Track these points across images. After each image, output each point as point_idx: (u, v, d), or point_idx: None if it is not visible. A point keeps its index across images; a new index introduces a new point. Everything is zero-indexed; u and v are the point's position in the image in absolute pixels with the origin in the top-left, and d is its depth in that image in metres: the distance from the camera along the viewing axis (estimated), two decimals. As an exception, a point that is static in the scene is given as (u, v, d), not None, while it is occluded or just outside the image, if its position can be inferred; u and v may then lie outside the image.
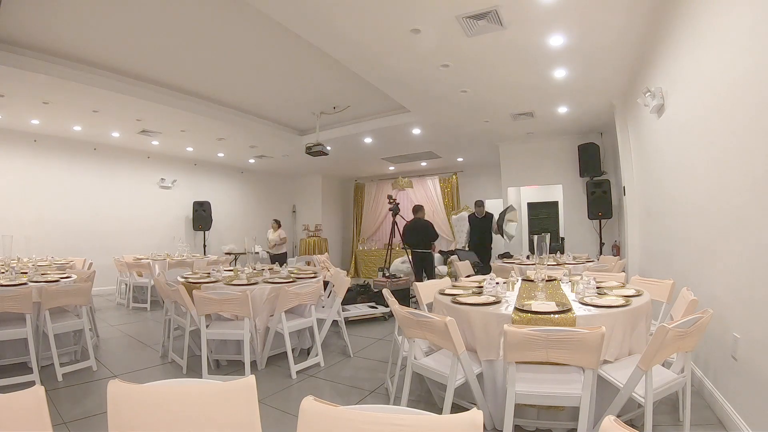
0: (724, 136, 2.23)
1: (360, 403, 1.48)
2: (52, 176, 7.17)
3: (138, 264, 6.26)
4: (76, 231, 7.38)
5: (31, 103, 5.43)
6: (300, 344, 3.75)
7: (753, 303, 1.95)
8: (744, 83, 1.97)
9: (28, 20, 3.85)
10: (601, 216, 6.65)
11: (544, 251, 2.78)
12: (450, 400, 1.95)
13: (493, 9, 3.26)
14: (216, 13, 3.88)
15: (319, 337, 3.49)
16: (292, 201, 12.19)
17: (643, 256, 4.94)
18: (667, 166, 3.46)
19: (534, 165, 7.76)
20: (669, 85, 3.21)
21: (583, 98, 5.48)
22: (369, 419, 0.90)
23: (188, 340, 3.32)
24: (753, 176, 1.91)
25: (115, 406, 1.03)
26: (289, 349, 3.18)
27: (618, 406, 1.79)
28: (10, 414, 0.94)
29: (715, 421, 2.26)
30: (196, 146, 8.26)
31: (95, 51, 4.55)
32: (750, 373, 1.98)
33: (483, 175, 10.25)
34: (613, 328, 2.05)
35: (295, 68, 5.13)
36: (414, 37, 3.75)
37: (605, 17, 3.40)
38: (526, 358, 1.79)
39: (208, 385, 1.08)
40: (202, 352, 2.98)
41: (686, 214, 3.00)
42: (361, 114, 6.95)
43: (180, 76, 5.34)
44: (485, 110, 6.00)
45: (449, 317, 1.92)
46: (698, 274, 2.75)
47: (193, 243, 9.20)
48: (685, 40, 2.75)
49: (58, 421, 2.35)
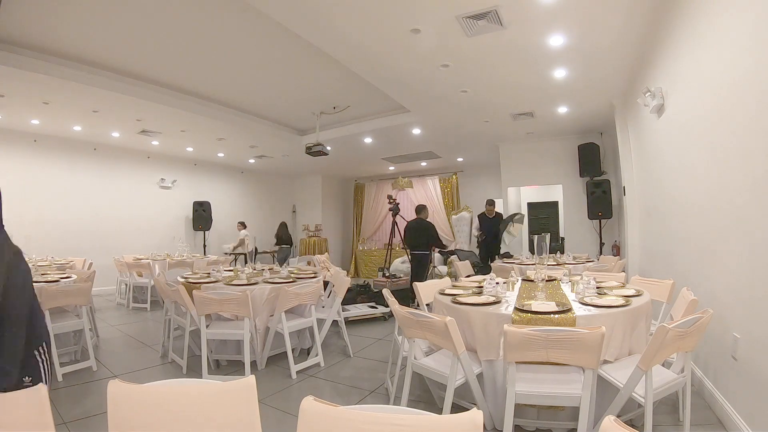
0: (724, 136, 2.23)
1: (360, 403, 1.48)
2: (52, 176, 7.16)
3: (138, 264, 6.26)
4: (76, 231, 7.38)
5: (31, 103, 5.42)
6: (300, 344, 3.75)
7: (753, 303, 1.95)
8: (744, 83, 1.97)
9: (28, 20, 3.85)
10: (601, 216, 6.65)
11: (544, 251, 2.79)
12: (450, 400, 1.95)
13: (493, 9, 3.26)
14: (216, 13, 3.87)
15: (319, 337, 3.49)
16: (292, 201, 12.18)
17: (643, 256, 4.94)
18: (667, 166, 3.46)
19: (534, 165, 7.76)
20: (669, 85, 3.21)
21: (583, 98, 5.48)
22: (369, 419, 0.90)
23: (188, 340, 3.32)
24: (753, 176, 1.91)
25: (115, 406, 1.03)
26: (289, 349, 3.18)
27: (618, 406, 1.79)
28: (12, 413, 0.94)
29: (715, 421, 2.26)
30: (196, 146, 8.26)
31: (95, 51, 4.55)
32: (750, 373, 1.98)
33: (483, 175, 10.26)
34: (613, 328, 2.05)
35: (295, 68, 5.13)
36: (414, 37, 3.75)
37: (605, 17, 3.40)
38: (526, 358, 1.80)
39: (208, 385, 1.08)
40: (202, 352, 2.98)
41: (686, 214, 3.00)
42: (361, 114, 6.94)
43: (180, 76, 5.34)
44: (485, 110, 6.00)
45: (449, 317, 1.92)
46: (698, 274, 2.75)
47: (193, 243, 9.20)
48: (685, 40, 2.75)
49: (59, 421, 2.35)
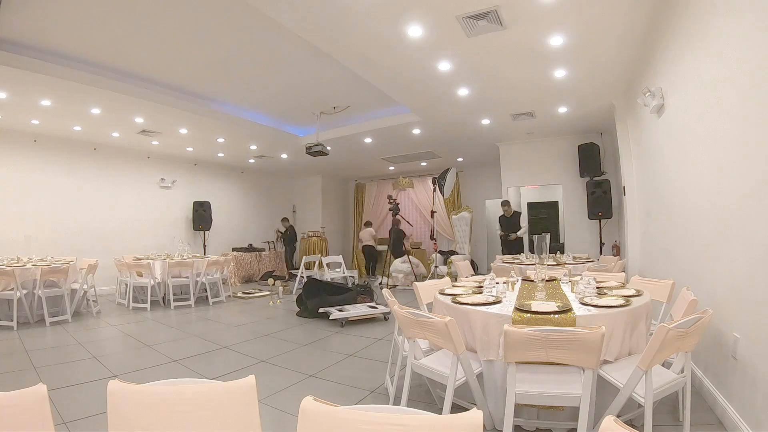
0: (724, 136, 2.23)
1: (360, 403, 1.48)
2: (52, 176, 7.16)
3: (138, 264, 6.25)
4: (76, 231, 7.37)
5: (31, 103, 5.43)
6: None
7: (753, 303, 1.95)
8: (744, 83, 1.97)
9: (28, 20, 3.85)
10: (601, 216, 6.65)
11: (544, 251, 2.78)
12: (450, 400, 1.94)
13: (493, 9, 3.26)
14: (216, 13, 3.87)
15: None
16: (292, 201, 12.18)
17: (643, 256, 4.94)
18: (667, 166, 3.46)
19: (534, 165, 7.77)
20: (669, 85, 3.21)
21: (583, 98, 5.48)
22: (369, 419, 0.90)
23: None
24: (753, 176, 1.91)
25: (114, 406, 1.03)
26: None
27: (618, 406, 1.79)
28: (12, 413, 0.94)
29: (715, 421, 2.26)
30: (196, 146, 8.26)
31: (95, 51, 4.55)
32: (750, 373, 1.98)
33: (483, 175, 10.26)
34: (613, 328, 2.05)
35: (295, 68, 5.13)
36: (414, 37, 3.75)
37: (605, 17, 3.40)
38: (526, 358, 1.79)
39: (208, 385, 1.07)
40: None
41: (686, 214, 3.00)
42: (361, 114, 6.95)
43: (180, 76, 5.34)
44: (485, 110, 6.00)
45: (449, 317, 1.91)
46: (698, 274, 2.75)
47: (193, 243, 9.20)
48: (685, 40, 2.75)
49: (58, 421, 2.35)
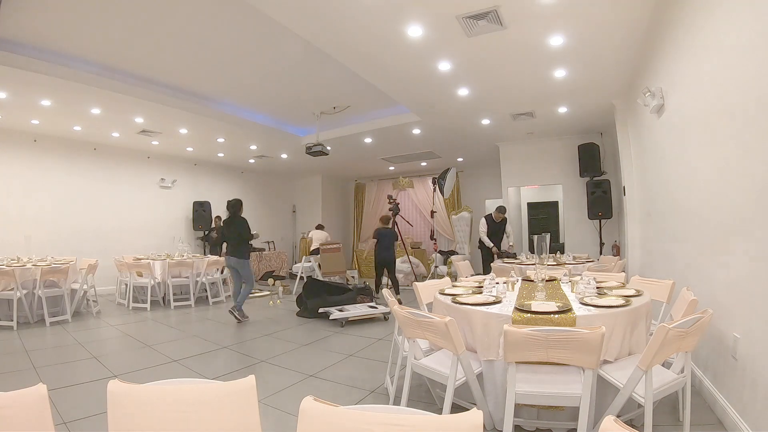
0: (724, 136, 2.23)
1: (360, 403, 1.48)
2: (52, 176, 7.16)
3: (138, 264, 6.25)
4: (76, 231, 7.38)
5: (31, 103, 5.43)
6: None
7: (753, 303, 1.95)
8: (744, 83, 1.97)
9: (28, 20, 3.85)
10: (601, 216, 6.65)
11: (544, 251, 2.79)
12: (450, 400, 1.94)
13: (493, 9, 3.26)
14: (216, 13, 3.87)
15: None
16: (292, 201, 12.18)
17: (643, 256, 4.94)
18: (667, 166, 3.46)
19: (534, 165, 7.77)
20: (669, 85, 3.20)
21: (583, 98, 5.47)
22: (369, 419, 0.90)
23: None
24: (753, 176, 1.91)
25: (114, 406, 1.03)
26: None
27: (618, 406, 1.79)
28: (12, 413, 0.94)
29: (715, 421, 2.26)
30: (196, 146, 8.26)
31: (95, 51, 4.55)
32: (750, 373, 1.98)
33: (483, 175, 10.26)
34: (613, 328, 2.05)
35: (295, 68, 5.12)
36: (414, 37, 3.75)
37: (605, 17, 3.40)
38: (526, 358, 1.79)
39: (208, 385, 1.07)
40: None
41: (686, 214, 3.00)
42: (361, 114, 6.94)
43: (180, 76, 5.34)
44: (485, 110, 6.00)
45: (449, 317, 1.91)
46: (698, 274, 2.74)
47: (193, 243, 9.20)
48: (685, 40, 2.75)
49: (58, 421, 2.35)
